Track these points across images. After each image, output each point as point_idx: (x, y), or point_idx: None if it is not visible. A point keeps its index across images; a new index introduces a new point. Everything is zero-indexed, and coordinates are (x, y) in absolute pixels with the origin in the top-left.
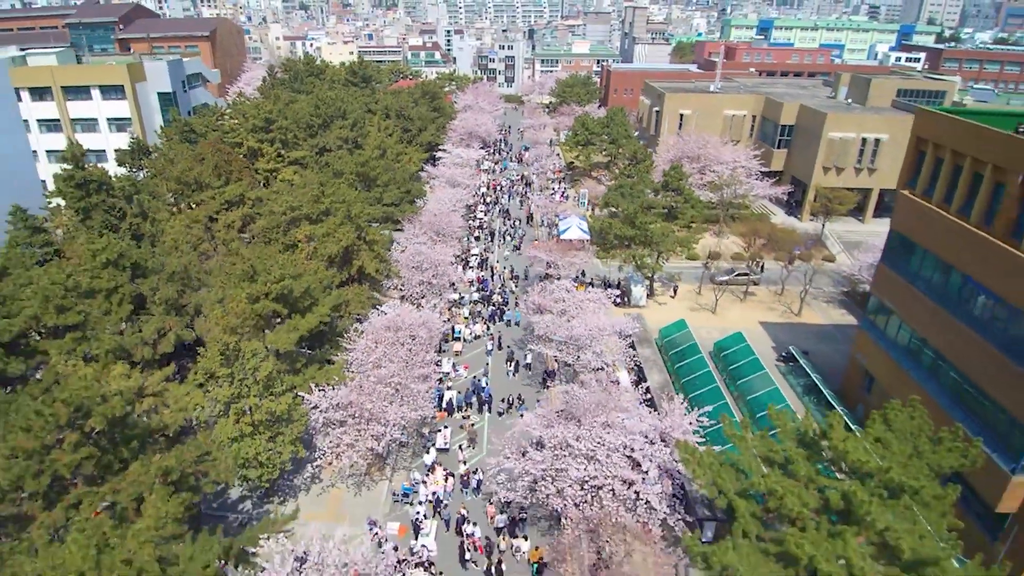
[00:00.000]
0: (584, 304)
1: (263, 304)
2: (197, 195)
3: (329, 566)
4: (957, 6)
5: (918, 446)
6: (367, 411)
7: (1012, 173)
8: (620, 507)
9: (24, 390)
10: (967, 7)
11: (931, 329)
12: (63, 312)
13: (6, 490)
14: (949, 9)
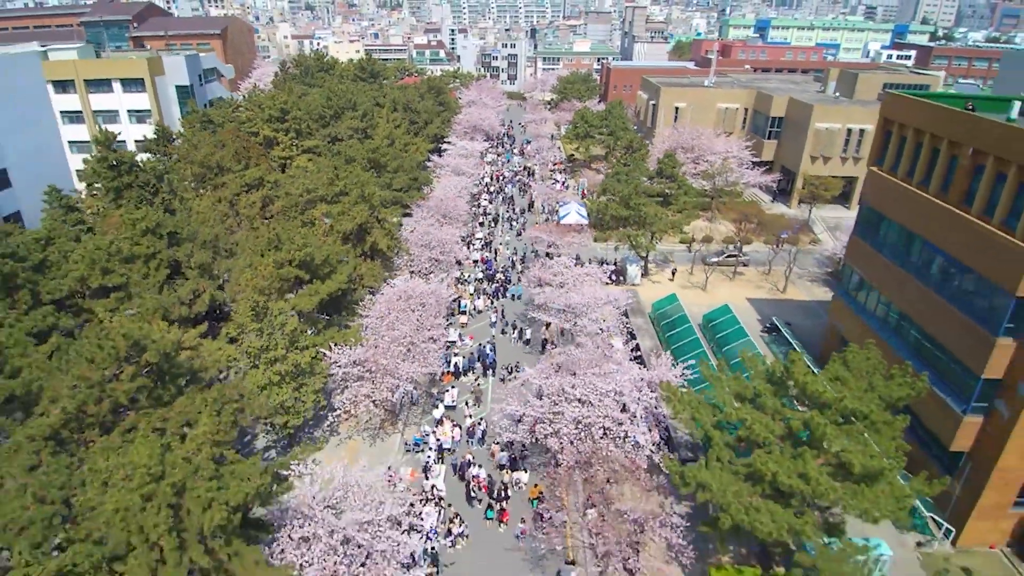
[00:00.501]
0: (582, 277)
1: (287, 270)
2: (219, 178)
3: (353, 485)
4: (952, 7)
5: (872, 382)
6: (382, 367)
7: (964, 147)
8: (610, 444)
9: (82, 333)
10: (962, 7)
11: (896, 292)
12: (107, 274)
13: (70, 415)
14: (945, 9)
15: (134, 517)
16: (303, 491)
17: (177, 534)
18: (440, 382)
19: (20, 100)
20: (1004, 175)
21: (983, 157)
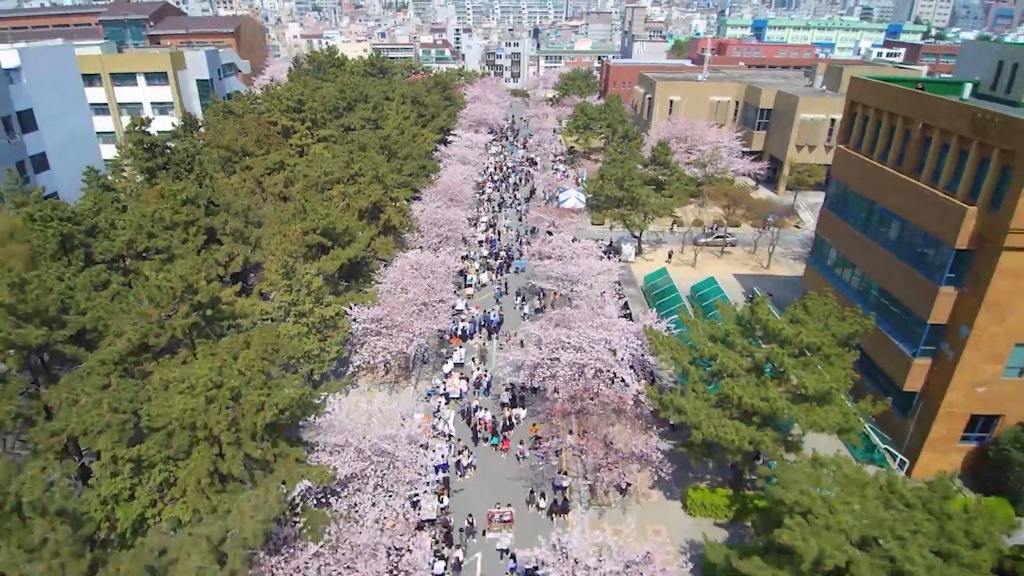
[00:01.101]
0: (579, 251)
1: (312, 236)
2: (243, 161)
3: (376, 412)
4: (947, 7)
5: (828, 323)
6: (397, 323)
7: (915, 122)
8: (600, 383)
9: (138, 280)
10: (957, 8)
11: (858, 255)
12: (152, 238)
13: (134, 345)
14: (939, 10)
15: (199, 416)
16: (334, 414)
17: (234, 432)
18: (449, 344)
19: (57, 90)
20: (947, 145)
21: (930, 131)
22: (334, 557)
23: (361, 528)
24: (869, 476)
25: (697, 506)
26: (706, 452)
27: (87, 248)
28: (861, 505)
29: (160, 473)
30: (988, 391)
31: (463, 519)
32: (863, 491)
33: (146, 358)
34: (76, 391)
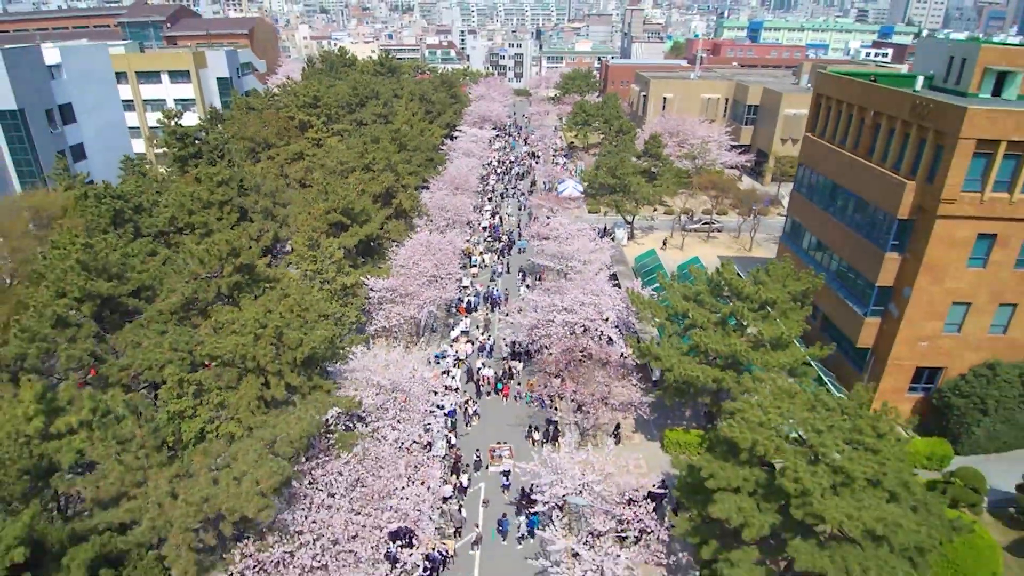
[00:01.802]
0: (575, 233)
1: (333, 215)
2: (266, 152)
3: (393, 361)
4: (941, 9)
5: (785, 283)
6: (409, 292)
7: (867, 110)
8: (589, 341)
9: (183, 249)
10: (950, 10)
11: (820, 229)
12: (192, 215)
13: (187, 299)
14: (933, 12)
15: (248, 350)
16: (357, 360)
17: (277, 364)
18: (456, 314)
19: (93, 86)
20: (893, 129)
21: (880, 117)
22: (362, 465)
23: (383, 446)
24: (798, 389)
25: (673, 444)
26: (679, 393)
27: (135, 223)
28: (789, 409)
29: (216, 396)
30: (930, 346)
31: (469, 457)
32: (792, 400)
33: (193, 313)
34: (139, 336)
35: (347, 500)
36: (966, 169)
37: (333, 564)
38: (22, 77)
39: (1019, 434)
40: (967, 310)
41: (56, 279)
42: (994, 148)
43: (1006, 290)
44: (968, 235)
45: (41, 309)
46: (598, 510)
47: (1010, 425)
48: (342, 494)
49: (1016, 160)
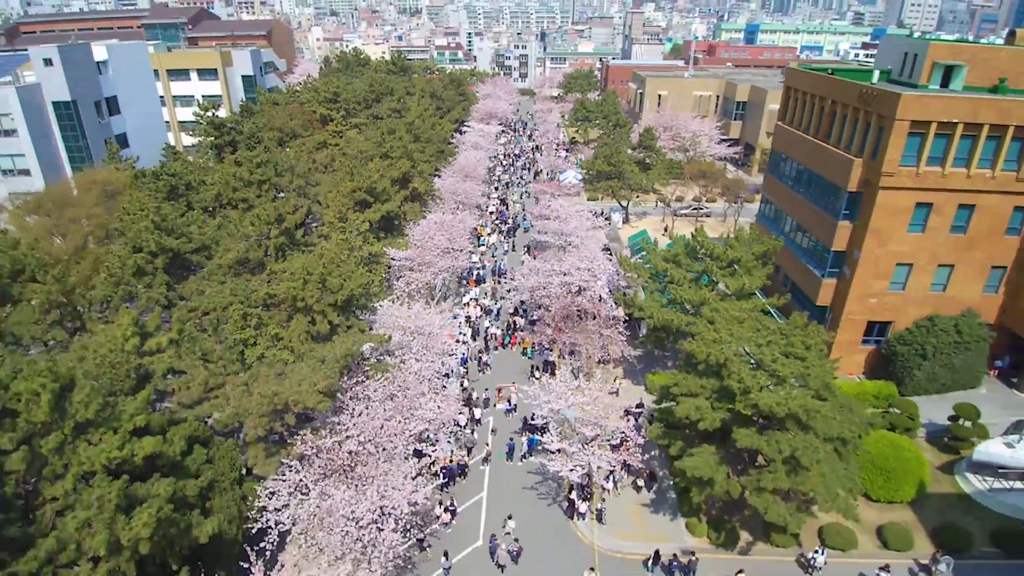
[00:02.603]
0: (573, 214)
1: (358, 194)
2: (292, 141)
3: (415, 313)
4: (935, 12)
5: (751, 246)
6: (426, 261)
7: (826, 99)
8: (583, 299)
9: (231, 218)
10: (943, 13)
11: (788, 206)
12: (236, 191)
13: (241, 256)
14: (927, 14)
15: (299, 292)
16: (383, 311)
17: (322, 304)
18: (466, 285)
19: (134, 81)
20: (846, 115)
21: (835, 105)
22: (392, 385)
23: (408, 375)
24: (747, 316)
25: (653, 385)
26: (658, 339)
27: (187, 198)
28: (739, 331)
29: (272, 329)
30: (879, 302)
31: (481, 400)
32: (741, 324)
33: (244, 271)
34: (202, 285)
35: (381, 409)
36: (902, 147)
37: (372, 456)
38: (75, 72)
39: (954, 376)
40: (909, 270)
41: (134, 236)
42: (926, 128)
43: (943, 252)
44: (907, 204)
45: (123, 261)
46: (586, 421)
47: (946, 368)
48: (377, 405)
49: (946, 138)
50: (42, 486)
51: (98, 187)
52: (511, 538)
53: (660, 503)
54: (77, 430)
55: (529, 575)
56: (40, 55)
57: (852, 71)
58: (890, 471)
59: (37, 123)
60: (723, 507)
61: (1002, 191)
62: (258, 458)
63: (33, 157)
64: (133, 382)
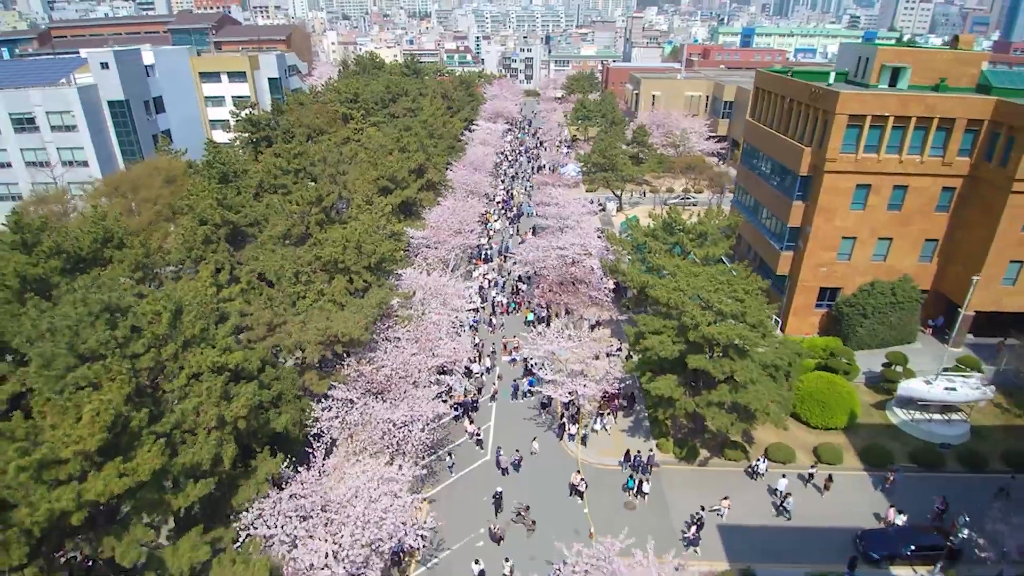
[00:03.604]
0: (571, 201)
1: (381, 181)
2: (318, 137)
3: (433, 278)
4: (927, 15)
5: (716, 221)
6: (441, 239)
7: (784, 97)
8: (576, 269)
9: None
10: (936, 16)
11: (755, 189)
12: (276, 178)
13: (287, 229)
14: (920, 18)
15: (339, 255)
16: (406, 276)
17: (358, 266)
18: (474, 264)
19: (177, 83)
20: (800, 111)
21: (792, 102)
22: (417, 330)
23: (429, 324)
24: (702, 269)
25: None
26: (639, 301)
27: (235, 183)
28: (695, 281)
29: (318, 286)
30: (829, 271)
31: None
32: (696, 276)
33: (289, 243)
34: (256, 253)
35: (408, 347)
36: (842, 136)
37: (402, 381)
38: (127, 74)
39: (892, 332)
40: (854, 243)
41: (200, 211)
42: (862, 121)
43: (882, 227)
44: (849, 186)
45: (192, 231)
46: (574, 359)
47: (884, 325)
48: (404, 344)
49: (879, 129)
50: (161, 382)
51: (160, 174)
52: (515, 452)
53: (635, 429)
54: (185, 344)
55: (527, 479)
56: (97, 59)
57: (812, 73)
58: (825, 403)
59: (94, 120)
60: (687, 431)
61: (931, 174)
62: (313, 380)
63: (91, 150)
64: (216, 319)
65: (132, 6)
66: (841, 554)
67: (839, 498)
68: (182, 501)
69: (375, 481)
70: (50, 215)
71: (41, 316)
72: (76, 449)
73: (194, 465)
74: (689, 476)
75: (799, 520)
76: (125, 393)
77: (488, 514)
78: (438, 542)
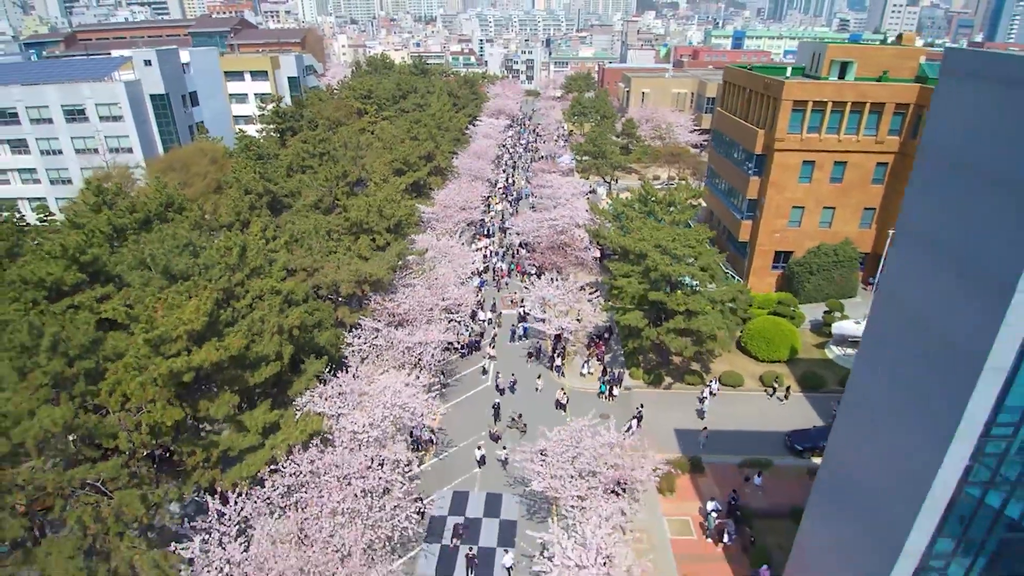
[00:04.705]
0: (563, 184)
1: (396, 163)
2: (338, 128)
3: (443, 242)
4: (914, 18)
5: (685, 193)
6: (448, 215)
7: (744, 88)
8: (565, 237)
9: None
10: (923, 19)
11: (722, 169)
12: (304, 160)
13: (318, 200)
14: (907, 21)
15: (364, 217)
16: (419, 240)
17: (380, 227)
18: (477, 239)
19: (209, 79)
20: (757, 99)
21: (751, 93)
22: (429, 279)
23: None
24: (663, 226)
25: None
26: (616, 262)
27: (270, 163)
28: (657, 234)
29: (347, 241)
30: (781, 236)
31: (490, 304)
32: (659, 230)
33: (318, 212)
34: (292, 218)
35: (422, 290)
36: (788, 120)
37: (418, 316)
38: (167, 70)
39: (834, 288)
40: (802, 212)
41: (245, 183)
42: (804, 106)
43: (826, 198)
44: (796, 162)
45: (239, 199)
46: (561, 304)
47: (828, 282)
48: (419, 288)
49: (820, 113)
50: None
51: (206, 155)
52: (511, 375)
53: (612, 363)
54: (250, 274)
55: (520, 398)
56: (141, 57)
57: (770, 68)
58: (770, 339)
59: (138, 111)
60: (655, 364)
61: (866, 151)
62: (345, 314)
63: (136, 138)
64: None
65: (148, 11)
66: (774, 449)
67: (777, 412)
68: (257, 378)
69: (399, 383)
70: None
71: (139, 249)
72: (186, 329)
73: (263, 356)
74: (655, 397)
75: (742, 426)
76: (214, 299)
77: (488, 421)
78: (447, 441)
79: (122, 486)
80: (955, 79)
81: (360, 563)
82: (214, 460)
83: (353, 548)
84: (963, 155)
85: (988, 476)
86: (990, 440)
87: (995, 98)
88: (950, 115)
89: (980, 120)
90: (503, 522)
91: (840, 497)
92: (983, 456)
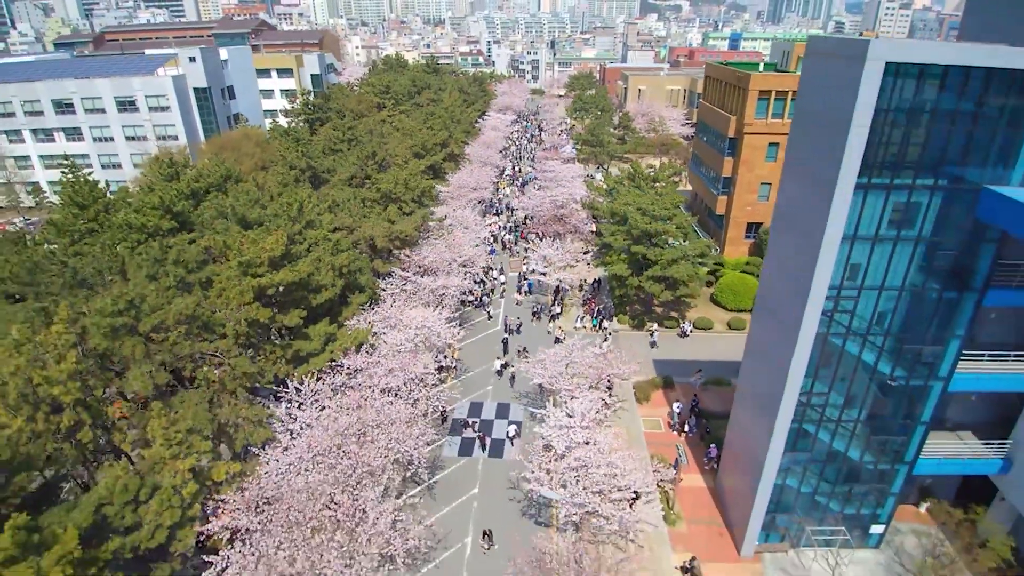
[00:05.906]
0: (564, 169)
1: (415, 147)
2: (361, 119)
3: (460, 211)
4: (907, 21)
5: (668, 170)
6: (462, 194)
7: (720, 81)
8: (564, 211)
9: (339, 155)
10: (915, 22)
11: (703, 153)
12: (335, 145)
13: (351, 176)
14: (899, 23)
15: (392, 188)
16: (437, 210)
17: (406, 197)
18: (488, 216)
19: (244, 75)
20: (731, 91)
21: (727, 85)
22: (446, 238)
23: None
24: (643, 193)
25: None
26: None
27: (305, 147)
28: (638, 198)
29: (378, 209)
30: (752, 209)
31: (498, 268)
32: (641, 195)
33: (351, 187)
34: (330, 191)
35: (441, 247)
36: (755, 107)
37: (440, 268)
38: (209, 66)
39: None
40: (770, 188)
41: (290, 160)
42: (768, 95)
43: None
44: (763, 144)
45: (285, 174)
46: (558, 260)
47: None
48: (438, 245)
49: (783, 101)
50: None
51: (252, 138)
52: (516, 318)
53: (603, 312)
54: (306, 225)
55: (525, 337)
56: (187, 54)
57: (745, 64)
58: (737, 292)
59: (183, 103)
60: (640, 313)
61: None
62: (379, 264)
63: (180, 127)
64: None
65: (166, 13)
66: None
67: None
68: (318, 299)
69: (427, 315)
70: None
71: (219, 202)
72: (268, 255)
73: (323, 283)
74: (637, 338)
75: (706, 356)
76: (286, 236)
77: (499, 353)
78: (465, 368)
79: (234, 357)
80: (814, 57)
81: (405, 425)
82: (288, 358)
83: (396, 416)
84: (813, 106)
85: (843, 329)
86: (842, 300)
87: (830, 67)
88: (811, 82)
89: (823, 82)
90: (511, 422)
91: (749, 382)
92: (837, 313)
